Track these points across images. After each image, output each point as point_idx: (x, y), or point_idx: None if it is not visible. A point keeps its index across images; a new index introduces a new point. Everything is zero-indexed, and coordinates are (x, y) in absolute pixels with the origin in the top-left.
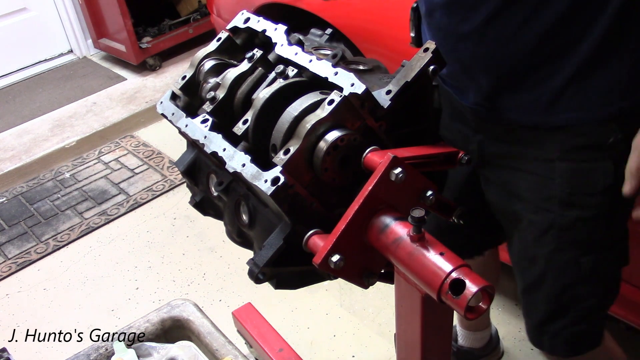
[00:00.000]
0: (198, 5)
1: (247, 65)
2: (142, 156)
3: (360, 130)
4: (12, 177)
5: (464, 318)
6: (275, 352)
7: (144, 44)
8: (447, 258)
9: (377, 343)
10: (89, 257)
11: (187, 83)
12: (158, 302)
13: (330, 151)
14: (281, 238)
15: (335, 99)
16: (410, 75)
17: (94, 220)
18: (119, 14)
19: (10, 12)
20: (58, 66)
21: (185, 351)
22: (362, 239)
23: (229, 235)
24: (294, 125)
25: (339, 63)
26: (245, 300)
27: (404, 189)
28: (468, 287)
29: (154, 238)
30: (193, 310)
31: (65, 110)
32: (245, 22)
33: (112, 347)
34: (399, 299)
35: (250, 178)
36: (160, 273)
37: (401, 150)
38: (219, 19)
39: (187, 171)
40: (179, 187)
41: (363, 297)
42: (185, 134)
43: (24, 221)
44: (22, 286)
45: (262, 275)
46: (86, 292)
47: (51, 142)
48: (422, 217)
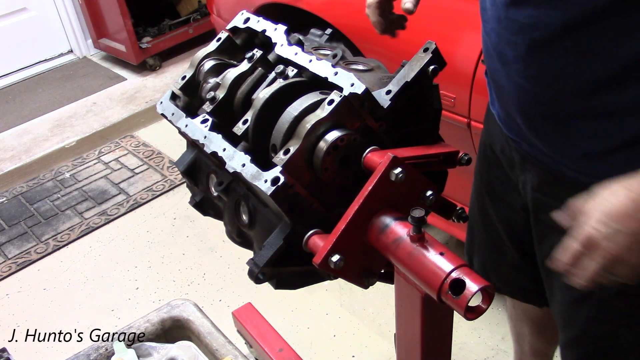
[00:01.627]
0: (198, 5)
1: (247, 65)
2: (142, 156)
3: (360, 130)
4: (12, 177)
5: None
6: (275, 352)
7: (144, 44)
8: (447, 258)
9: (377, 343)
10: (89, 257)
11: (187, 83)
12: (158, 302)
13: (330, 151)
14: (281, 238)
15: (335, 99)
16: (410, 75)
17: (94, 220)
18: (119, 14)
19: (10, 12)
20: (58, 66)
21: (185, 351)
22: (362, 239)
23: (229, 235)
24: (294, 125)
25: (339, 63)
26: (245, 300)
27: (404, 189)
28: (468, 287)
29: (154, 238)
30: (193, 310)
31: (65, 110)
32: (245, 22)
33: (112, 347)
34: (399, 299)
35: (250, 178)
36: (160, 273)
37: (401, 150)
38: (219, 19)
39: (187, 171)
40: (179, 187)
41: (363, 297)
42: (185, 134)
43: (24, 221)
44: (22, 286)
45: (262, 275)
46: (86, 292)
47: (51, 142)
48: (422, 217)
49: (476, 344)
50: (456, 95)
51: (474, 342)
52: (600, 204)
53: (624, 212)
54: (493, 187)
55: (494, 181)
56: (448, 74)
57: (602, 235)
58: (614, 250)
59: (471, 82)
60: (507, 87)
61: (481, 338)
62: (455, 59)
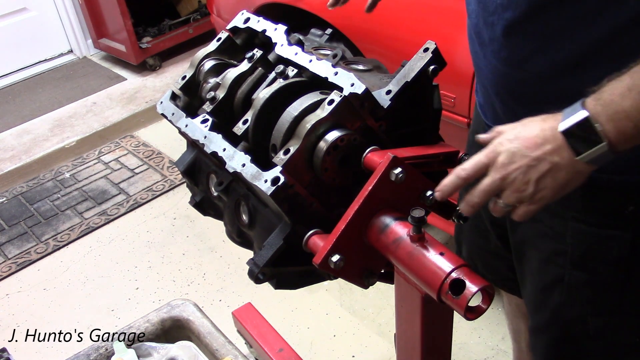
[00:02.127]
0: (198, 5)
1: (247, 65)
2: (142, 156)
3: (360, 130)
4: (12, 177)
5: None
6: (275, 352)
7: (144, 44)
8: (447, 258)
9: (377, 343)
10: (89, 257)
11: (187, 83)
12: (158, 302)
13: (330, 151)
14: (281, 238)
15: (335, 99)
16: (410, 75)
17: (94, 220)
18: (119, 14)
19: (10, 12)
20: (58, 66)
21: (185, 351)
22: (362, 239)
23: (229, 235)
24: (294, 125)
25: (339, 63)
26: (245, 300)
27: (404, 189)
28: (468, 287)
29: (154, 238)
30: (193, 310)
31: (65, 110)
32: (245, 22)
33: (112, 347)
34: (399, 299)
35: (250, 178)
36: (160, 273)
37: (401, 150)
38: (219, 19)
39: (187, 171)
40: (179, 187)
41: (363, 297)
42: (185, 134)
43: (24, 221)
44: (22, 286)
45: (262, 275)
46: (86, 292)
47: (51, 142)
48: (422, 217)
49: (476, 344)
50: (456, 95)
51: (474, 342)
52: (515, 127)
53: (531, 138)
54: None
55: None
56: (448, 74)
57: (504, 150)
58: (509, 167)
59: (471, 82)
60: (485, 70)
61: (481, 338)
62: (455, 59)
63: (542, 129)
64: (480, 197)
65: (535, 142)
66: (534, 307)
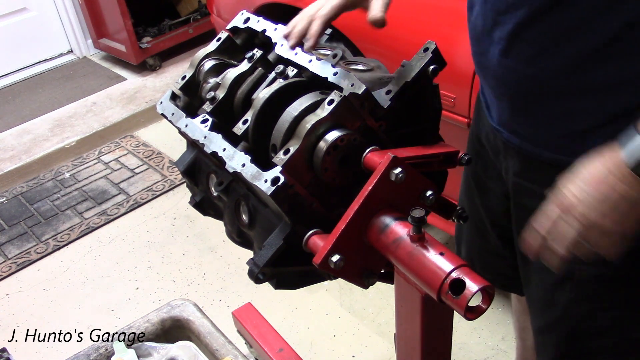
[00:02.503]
0: (198, 5)
1: (247, 65)
2: (142, 156)
3: (360, 130)
4: (12, 177)
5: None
6: (275, 352)
7: (144, 44)
8: (447, 258)
9: (377, 343)
10: (89, 257)
11: (187, 83)
12: (158, 302)
13: (330, 151)
14: (281, 238)
15: (335, 99)
16: (410, 75)
17: (94, 220)
18: (119, 14)
19: (10, 12)
20: (58, 66)
21: (185, 351)
22: (362, 239)
23: (229, 235)
24: (294, 125)
25: (339, 63)
26: (245, 300)
27: (404, 189)
28: (468, 287)
29: (154, 238)
30: (193, 310)
31: (65, 110)
32: (245, 22)
33: (112, 347)
34: (399, 299)
35: (250, 178)
36: (160, 273)
37: (401, 150)
38: (219, 19)
39: (187, 171)
40: (179, 187)
41: (363, 297)
42: (185, 134)
43: (24, 221)
44: (22, 286)
45: (262, 275)
46: (86, 292)
47: (51, 142)
48: (422, 217)
49: (476, 344)
50: (456, 95)
51: (474, 342)
52: (577, 172)
53: (598, 178)
54: (479, 175)
55: (480, 169)
56: (448, 74)
57: (577, 200)
58: (588, 215)
59: (471, 82)
60: (493, 69)
61: (481, 338)
62: (455, 59)
63: (605, 165)
64: (567, 250)
65: (602, 180)
66: (541, 305)
